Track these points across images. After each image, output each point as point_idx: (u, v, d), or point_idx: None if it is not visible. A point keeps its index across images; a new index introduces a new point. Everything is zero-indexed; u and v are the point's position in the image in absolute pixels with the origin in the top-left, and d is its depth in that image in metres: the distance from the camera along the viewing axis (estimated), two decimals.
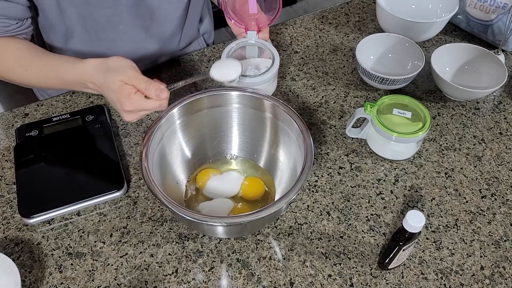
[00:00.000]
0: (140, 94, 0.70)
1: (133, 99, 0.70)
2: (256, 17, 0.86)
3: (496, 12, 1.00)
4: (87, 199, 0.76)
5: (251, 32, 0.87)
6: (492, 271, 0.71)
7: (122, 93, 0.70)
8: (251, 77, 0.84)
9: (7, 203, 0.77)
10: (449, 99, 0.96)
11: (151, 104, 0.70)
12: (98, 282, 0.69)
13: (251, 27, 0.87)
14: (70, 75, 0.78)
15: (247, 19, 0.87)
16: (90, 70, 0.75)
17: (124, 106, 0.70)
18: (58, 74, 0.80)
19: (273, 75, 0.86)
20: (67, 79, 0.79)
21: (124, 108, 0.70)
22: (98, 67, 0.74)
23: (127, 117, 0.72)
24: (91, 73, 0.75)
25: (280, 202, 0.64)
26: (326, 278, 0.70)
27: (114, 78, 0.70)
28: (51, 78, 0.81)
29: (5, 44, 0.82)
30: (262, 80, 0.84)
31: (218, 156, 0.83)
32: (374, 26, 1.12)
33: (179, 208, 0.62)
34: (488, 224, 0.76)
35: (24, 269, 0.70)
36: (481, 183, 0.82)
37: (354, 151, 0.86)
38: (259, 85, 0.85)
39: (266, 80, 0.85)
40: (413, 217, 0.62)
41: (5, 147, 0.85)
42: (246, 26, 0.87)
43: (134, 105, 0.70)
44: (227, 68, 0.75)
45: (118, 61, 0.73)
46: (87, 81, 0.76)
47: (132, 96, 0.69)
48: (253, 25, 0.87)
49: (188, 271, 0.70)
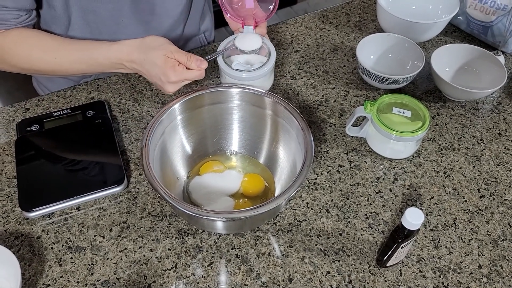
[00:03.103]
0: (183, 66, 0.78)
1: (178, 70, 0.77)
2: (253, 12, 0.87)
3: (496, 13, 1.00)
4: (87, 193, 0.76)
5: (248, 27, 0.87)
6: (489, 270, 0.72)
7: (167, 65, 0.77)
8: (247, 71, 0.84)
9: (7, 197, 0.78)
10: (448, 99, 0.96)
11: (193, 74, 0.79)
12: (98, 276, 0.69)
13: (248, 21, 0.87)
14: (106, 56, 0.83)
15: (244, 13, 0.88)
16: (129, 49, 0.81)
17: (170, 77, 0.77)
18: (91, 57, 0.84)
19: (269, 70, 0.86)
20: (102, 62, 0.83)
21: (170, 79, 0.77)
22: (137, 45, 0.80)
23: (171, 87, 0.79)
24: (130, 52, 0.81)
25: (280, 198, 0.64)
26: (324, 275, 0.70)
27: (158, 53, 0.78)
28: (83, 63, 0.85)
29: (25, 36, 0.84)
30: (258, 74, 0.84)
31: (218, 152, 0.84)
32: (375, 26, 1.13)
33: (179, 203, 0.63)
34: (486, 224, 0.77)
35: (24, 262, 0.70)
36: (479, 183, 0.82)
37: (353, 149, 0.86)
38: (256, 79, 0.85)
39: (263, 74, 0.85)
40: (412, 214, 0.62)
41: (6, 141, 0.86)
42: (243, 21, 0.88)
43: (179, 75, 0.77)
44: (249, 40, 0.86)
45: (156, 39, 0.81)
46: (124, 61, 0.81)
47: (176, 67, 0.77)
48: (250, 20, 0.87)
49: (187, 266, 0.71)
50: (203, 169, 0.80)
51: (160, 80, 0.79)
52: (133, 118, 0.90)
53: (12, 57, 0.85)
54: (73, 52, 0.85)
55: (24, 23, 0.84)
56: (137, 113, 0.91)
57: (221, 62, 0.85)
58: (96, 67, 0.85)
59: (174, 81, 0.78)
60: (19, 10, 0.81)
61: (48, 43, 0.85)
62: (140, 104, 0.93)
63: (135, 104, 0.93)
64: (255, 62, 0.88)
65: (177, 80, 0.78)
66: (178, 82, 0.79)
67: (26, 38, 0.84)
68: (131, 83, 0.97)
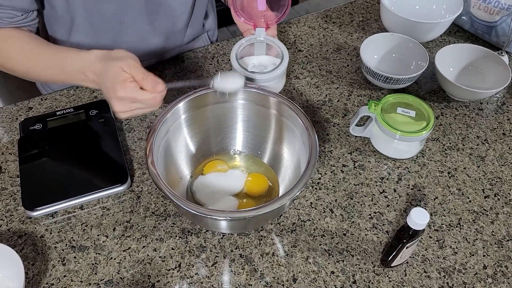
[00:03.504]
0: (136, 83, 0.69)
1: (128, 86, 0.68)
2: (264, 14, 0.86)
3: (500, 13, 1.00)
4: (90, 193, 0.76)
5: (260, 29, 0.87)
6: (494, 270, 0.71)
7: (118, 78, 0.69)
8: (261, 74, 0.84)
9: (10, 196, 0.77)
10: (452, 99, 0.96)
11: (144, 95, 0.69)
12: (101, 275, 0.69)
13: (260, 24, 0.87)
14: (71, 65, 0.77)
15: (255, 16, 0.87)
16: (93, 57, 0.74)
17: (117, 92, 0.68)
18: (58, 65, 0.79)
19: (282, 72, 0.86)
20: (67, 70, 0.78)
21: (117, 94, 0.69)
22: (101, 55, 0.74)
23: (118, 106, 0.70)
24: (92, 61, 0.74)
25: (284, 198, 0.64)
26: (329, 275, 0.70)
27: (113, 64, 0.70)
28: (51, 69, 0.81)
29: (9, 35, 0.81)
30: (271, 77, 0.85)
31: (222, 151, 0.83)
32: (378, 26, 1.13)
33: (183, 202, 0.62)
34: (491, 224, 0.77)
35: (27, 261, 0.70)
36: (484, 183, 0.82)
37: (357, 149, 0.86)
38: (269, 82, 0.85)
39: (276, 77, 0.86)
40: (417, 214, 0.62)
41: (9, 140, 0.85)
42: (254, 23, 0.87)
43: (127, 92, 0.68)
44: (230, 79, 0.74)
45: (121, 52, 0.73)
46: (87, 70, 0.75)
47: (127, 83, 0.68)
48: (261, 22, 0.87)
49: (191, 266, 0.70)
50: (207, 169, 0.80)
51: (108, 93, 0.71)
52: (136, 117, 0.90)
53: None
54: (46, 57, 0.80)
55: (19, 23, 0.82)
56: None
57: (235, 64, 0.85)
58: (63, 75, 0.80)
59: (121, 96, 0.68)
60: (14, 10, 0.80)
61: (26, 45, 0.81)
62: None
63: None
64: (268, 64, 0.88)
65: (125, 97, 0.69)
66: (125, 99, 0.69)
67: (8, 38, 0.81)
68: None
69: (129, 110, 0.70)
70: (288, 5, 0.86)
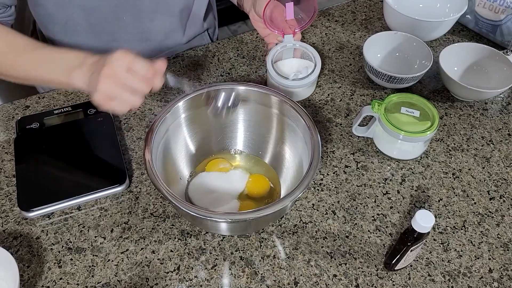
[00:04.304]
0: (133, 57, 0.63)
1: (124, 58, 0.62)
2: (286, 20, 0.90)
3: (506, 12, 0.98)
4: (88, 193, 0.74)
5: (288, 36, 0.90)
6: (500, 274, 0.70)
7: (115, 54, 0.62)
8: (292, 80, 0.87)
9: (6, 196, 0.76)
10: (456, 99, 0.94)
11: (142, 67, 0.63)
12: (98, 278, 0.67)
13: (287, 31, 0.90)
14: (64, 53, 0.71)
15: (281, 24, 0.91)
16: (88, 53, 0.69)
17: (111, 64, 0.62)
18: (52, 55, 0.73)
19: (315, 78, 0.90)
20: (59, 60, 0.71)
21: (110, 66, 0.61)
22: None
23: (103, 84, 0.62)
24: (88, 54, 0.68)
25: (286, 199, 0.63)
26: (331, 278, 0.68)
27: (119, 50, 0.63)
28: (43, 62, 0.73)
29: None
30: (304, 83, 0.88)
31: (223, 151, 0.82)
32: (381, 25, 1.11)
33: (182, 203, 0.61)
34: (496, 226, 0.75)
35: (23, 263, 0.68)
36: (489, 185, 0.81)
37: (360, 149, 0.85)
38: (300, 88, 0.89)
39: (308, 84, 0.89)
40: (422, 216, 0.61)
41: (5, 139, 0.84)
42: (283, 31, 0.90)
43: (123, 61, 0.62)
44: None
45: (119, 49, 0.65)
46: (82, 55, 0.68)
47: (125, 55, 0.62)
48: (289, 29, 0.90)
49: (190, 268, 0.69)
50: (209, 167, 0.79)
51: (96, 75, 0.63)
52: (135, 116, 0.88)
53: None
54: (36, 50, 0.74)
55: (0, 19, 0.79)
56: (139, 111, 0.89)
57: (270, 68, 0.88)
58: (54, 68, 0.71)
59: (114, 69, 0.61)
60: None
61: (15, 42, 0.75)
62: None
63: None
64: (301, 68, 0.91)
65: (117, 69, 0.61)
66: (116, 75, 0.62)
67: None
68: None
69: (114, 90, 0.62)
70: (314, 12, 0.90)
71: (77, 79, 0.67)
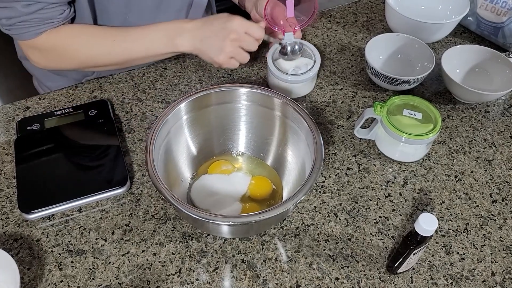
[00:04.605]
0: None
1: (239, 20, 0.79)
2: (286, 18, 0.90)
3: (508, 14, 0.98)
4: (89, 195, 0.74)
5: (289, 33, 0.90)
6: (503, 277, 0.69)
7: (228, 17, 0.79)
8: (292, 75, 0.89)
9: (6, 198, 0.75)
10: (458, 101, 0.94)
11: (253, 25, 0.80)
12: (99, 280, 0.67)
13: (288, 29, 0.91)
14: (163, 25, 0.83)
15: (283, 21, 0.91)
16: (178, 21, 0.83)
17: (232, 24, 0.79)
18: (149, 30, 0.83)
19: (314, 74, 0.91)
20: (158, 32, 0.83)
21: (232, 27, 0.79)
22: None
23: (228, 46, 0.80)
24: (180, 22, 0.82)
25: (288, 202, 0.62)
26: (333, 281, 0.68)
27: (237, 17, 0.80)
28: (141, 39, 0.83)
29: (76, 29, 0.83)
30: (303, 79, 0.89)
31: (224, 153, 0.82)
32: (383, 26, 1.11)
33: (184, 205, 0.61)
34: (499, 229, 0.75)
35: (23, 265, 0.68)
36: (491, 187, 0.80)
37: (362, 152, 0.84)
38: (300, 83, 0.90)
39: (308, 79, 0.90)
40: (425, 220, 0.60)
41: (6, 140, 0.83)
42: (283, 29, 0.90)
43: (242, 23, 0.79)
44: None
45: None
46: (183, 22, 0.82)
47: (237, 18, 0.79)
48: (289, 27, 0.91)
49: (192, 271, 0.68)
50: (212, 169, 0.78)
51: (215, 38, 0.79)
52: (136, 117, 0.88)
53: (71, 52, 0.83)
54: (130, 31, 0.83)
55: (67, 18, 0.82)
56: (140, 113, 0.89)
57: (272, 67, 0.89)
58: (153, 40, 0.83)
59: (235, 29, 0.78)
60: (61, 5, 0.80)
61: (102, 30, 0.84)
62: (143, 103, 0.91)
63: (138, 103, 0.91)
64: (301, 65, 0.91)
65: (237, 28, 0.78)
66: (238, 34, 0.79)
67: (81, 29, 0.84)
68: (134, 82, 0.95)
69: (236, 50, 0.81)
70: (315, 10, 0.90)
71: (182, 45, 0.82)
